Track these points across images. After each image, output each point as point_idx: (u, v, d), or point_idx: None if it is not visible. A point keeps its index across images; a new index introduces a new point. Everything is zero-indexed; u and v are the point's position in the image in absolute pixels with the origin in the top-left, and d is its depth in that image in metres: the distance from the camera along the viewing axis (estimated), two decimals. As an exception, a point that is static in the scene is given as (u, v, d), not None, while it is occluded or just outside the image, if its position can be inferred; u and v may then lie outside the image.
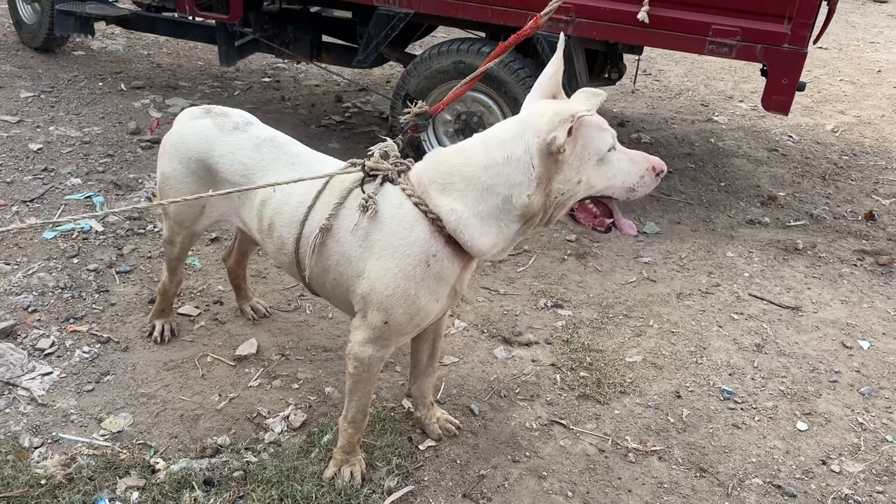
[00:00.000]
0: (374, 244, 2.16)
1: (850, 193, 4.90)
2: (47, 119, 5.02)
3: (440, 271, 2.15)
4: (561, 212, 2.10)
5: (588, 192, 2.05)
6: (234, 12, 4.56)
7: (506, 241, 2.13)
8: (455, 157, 2.14)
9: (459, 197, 2.08)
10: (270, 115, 5.50)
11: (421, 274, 2.13)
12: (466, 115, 4.27)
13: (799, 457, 2.75)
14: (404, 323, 2.20)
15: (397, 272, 2.13)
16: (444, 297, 2.23)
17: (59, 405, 2.74)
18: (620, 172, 2.05)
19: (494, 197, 2.05)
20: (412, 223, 2.12)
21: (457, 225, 2.08)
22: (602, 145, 2.02)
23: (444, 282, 2.19)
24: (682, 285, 3.77)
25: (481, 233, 2.08)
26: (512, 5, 3.86)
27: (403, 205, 2.13)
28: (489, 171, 2.04)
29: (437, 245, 2.12)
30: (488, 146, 2.06)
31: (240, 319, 3.28)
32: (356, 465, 2.48)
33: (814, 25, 3.60)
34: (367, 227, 2.17)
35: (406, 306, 2.16)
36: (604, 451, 2.73)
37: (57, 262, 3.53)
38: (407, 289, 2.14)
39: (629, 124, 5.76)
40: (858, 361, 3.28)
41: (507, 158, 2.02)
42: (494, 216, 2.07)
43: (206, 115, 2.64)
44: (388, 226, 2.14)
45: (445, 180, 2.09)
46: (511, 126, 2.07)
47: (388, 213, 2.15)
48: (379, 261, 2.15)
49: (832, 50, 8.08)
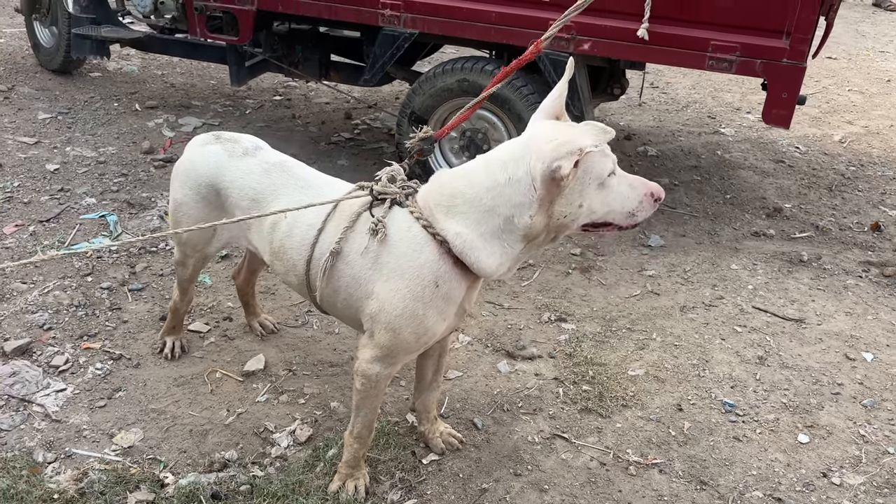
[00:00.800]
0: (384, 266, 2.22)
1: (857, 204, 4.90)
2: (64, 140, 5.14)
3: (448, 292, 2.21)
4: (564, 232, 2.16)
5: (590, 216, 2.10)
6: (243, 34, 4.66)
7: (511, 261, 2.18)
8: (457, 179, 2.20)
9: (463, 219, 2.13)
10: (281, 132, 5.60)
11: (430, 295, 2.19)
12: (471, 131, 4.34)
13: (800, 469, 2.77)
14: (412, 342, 2.26)
15: (406, 293, 2.18)
16: (452, 315, 2.29)
17: (72, 421, 2.81)
18: (620, 197, 2.10)
19: (496, 217, 2.10)
20: (421, 245, 2.17)
21: (462, 248, 2.13)
22: (603, 170, 2.06)
23: (451, 301, 2.25)
24: (686, 298, 3.79)
25: (487, 254, 2.13)
26: (514, 25, 3.92)
27: (412, 228, 2.19)
28: (491, 192, 2.09)
29: (445, 266, 2.18)
30: (490, 168, 2.12)
31: (248, 335, 3.35)
32: (360, 479, 2.53)
33: (812, 40, 3.64)
34: (376, 250, 2.23)
35: (414, 326, 2.22)
36: (605, 464, 2.76)
37: (72, 280, 3.62)
38: (415, 309, 2.19)
39: (635, 137, 5.80)
40: (861, 373, 3.29)
41: (508, 180, 2.07)
42: (497, 236, 2.12)
43: (216, 142, 2.71)
44: (397, 248, 2.20)
45: (449, 203, 2.15)
46: (513, 148, 2.13)
47: (398, 235, 2.21)
48: (388, 282, 2.21)
49: (841, 60, 8.08)
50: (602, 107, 6.26)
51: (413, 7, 4.13)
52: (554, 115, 2.17)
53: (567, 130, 2.07)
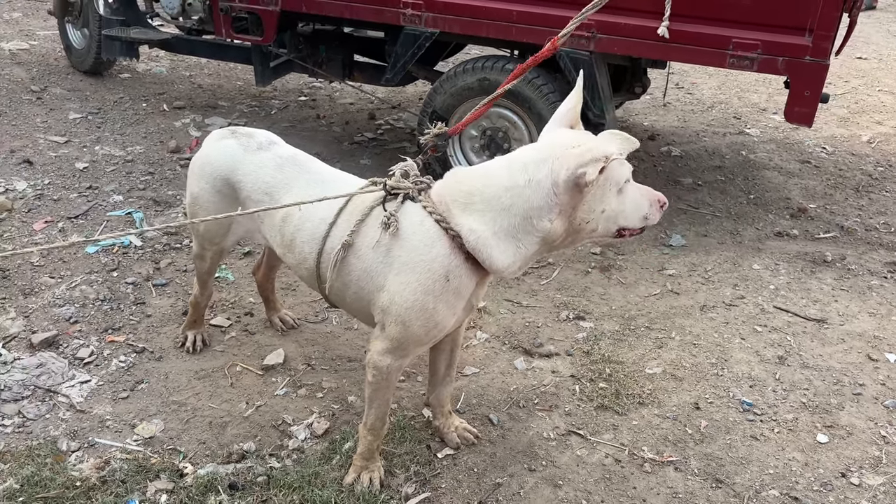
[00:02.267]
0: (395, 259, 2.24)
1: (884, 205, 4.83)
2: (93, 139, 5.25)
3: (458, 286, 2.23)
4: (584, 238, 2.21)
5: (608, 221, 2.16)
6: (267, 34, 4.72)
7: (523, 260, 2.20)
8: (477, 177, 2.24)
9: (479, 216, 2.16)
10: (305, 132, 5.66)
11: (440, 288, 2.21)
12: (492, 130, 4.35)
13: (818, 469, 2.74)
14: (422, 335, 2.28)
15: (417, 286, 2.21)
16: (461, 310, 2.32)
17: (95, 411, 2.88)
18: (634, 203, 2.18)
19: (513, 217, 2.13)
20: (433, 240, 2.20)
21: (476, 244, 2.16)
22: (622, 177, 2.13)
23: (461, 296, 2.27)
24: (706, 298, 3.77)
25: (500, 251, 2.16)
26: (534, 23, 3.93)
27: (425, 222, 2.22)
28: (510, 192, 2.13)
29: (457, 261, 2.20)
30: (511, 168, 2.16)
31: (269, 330, 3.40)
32: (375, 471, 2.56)
33: (835, 37, 3.60)
34: (388, 244, 2.26)
35: (424, 319, 2.24)
36: (620, 461, 2.76)
37: (98, 275, 3.70)
38: (426, 302, 2.22)
39: (659, 137, 5.77)
40: (884, 374, 3.25)
41: (528, 181, 2.10)
42: (513, 235, 2.15)
43: (232, 136, 2.77)
44: (409, 242, 2.23)
45: (466, 200, 2.18)
46: (534, 151, 2.18)
47: (410, 229, 2.23)
48: (399, 275, 2.23)
49: (872, 60, 7.96)
50: (626, 107, 6.23)
51: (434, 6, 4.16)
52: (569, 124, 2.22)
53: (590, 138, 2.13)
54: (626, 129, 5.78)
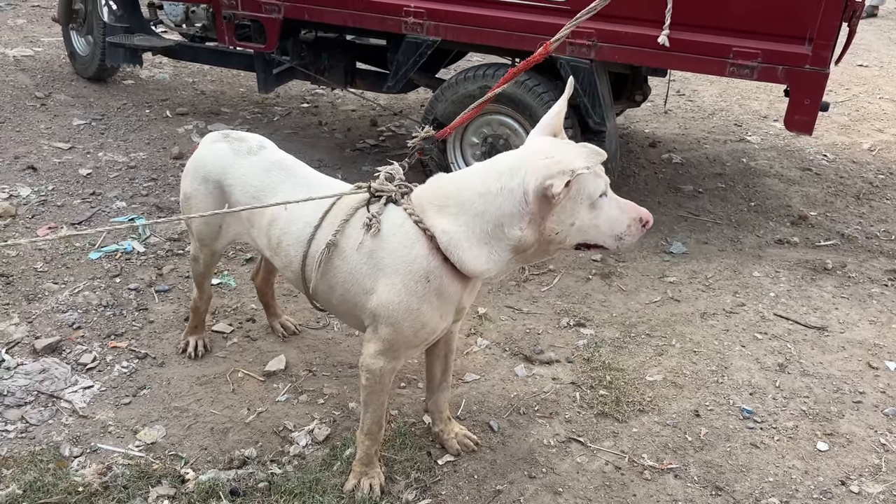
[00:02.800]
0: (379, 261, 2.28)
1: (885, 213, 4.84)
2: (97, 145, 5.28)
3: (440, 287, 2.25)
4: (555, 249, 2.20)
5: (580, 236, 2.15)
6: (270, 42, 4.75)
7: (499, 266, 2.21)
8: (453, 181, 2.28)
9: (453, 219, 2.19)
10: (308, 139, 5.69)
11: (422, 290, 2.24)
12: (493, 137, 4.37)
13: (818, 477, 2.75)
14: (410, 336, 2.31)
15: (401, 287, 2.25)
16: (448, 312, 2.34)
17: (98, 417, 2.89)
18: (609, 219, 2.15)
19: (485, 223, 2.15)
20: (413, 241, 2.23)
21: (448, 244, 2.19)
22: (595, 191, 2.11)
23: (444, 298, 2.29)
24: (707, 305, 3.78)
25: (472, 255, 2.18)
26: (534, 32, 3.95)
27: (404, 223, 2.26)
28: (483, 198, 2.15)
29: (435, 262, 2.23)
30: (485, 175, 2.18)
31: (270, 336, 3.41)
32: (375, 477, 2.57)
33: (835, 46, 3.61)
34: (371, 245, 2.29)
35: (411, 320, 2.27)
36: (620, 468, 2.77)
37: (101, 281, 3.72)
38: (410, 303, 2.25)
39: (660, 144, 5.79)
40: (884, 382, 3.25)
41: (500, 189, 2.12)
42: (485, 242, 2.17)
43: (224, 140, 2.82)
44: (390, 243, 2.27)
45: (442, 203, 2.22)
46: (510, 159, 2.19)
47: (391, 231, 2.27)
48: (384, 277, 2.27)
49: (873, 67, 7.97)
50: (627, 113, 6.25)
51: (435, 15, 4.18)
52: (552, 132, 2.24)
53: (563, 150, 2.12)
54: (627, 136, 5.84)
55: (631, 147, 5.70)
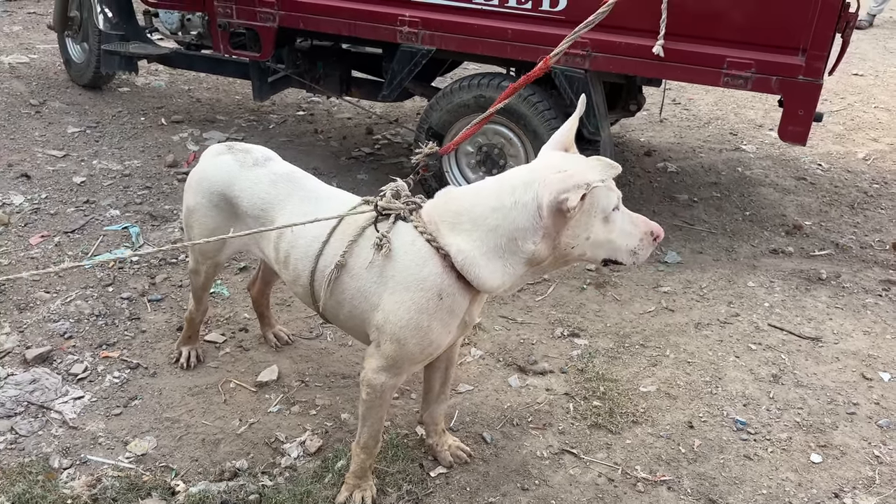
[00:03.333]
0: (389, 279, 2.26)
1: (879, 222, 4.84)
2: (91, 153, 5.27)
3: (451, 304, 2.24)
4: (570, 262, 2.22)
5: (594, 249, 2.15)
6: (265, 50, 4.75)
7: (513, 280, 2.21)
8: (465, 197, 2.26)
9: (467, 236, 2.17)
10: (303, 147, 5.68)
11: (434, 307, 2.22)
12: (488, 147, 4.37)
13: (811, 489, 2.74)
14: (416, 353, 2.29)
15: (411, 305, 2.22)
16: (455, 328, 2.33)
17: (88, 428, 2.88)
18: (622, 233, 2.16)
19: (500, 238, 2.14)
20: (425, 259, 2.21)
21: (464, 263, 2.17)
22: (608, 204, 2.12)
23: (455, 314, 2.28)
24: (701, 315, 3.77)
25: (489, 271, 2.17)
26: (529, 42, 3.95)
27: (416, 241, 2.23)
28: (497, 212, 2.14)
29: (448, 280, 2.21)
30: (499, 189, 2.17)
31: (263, 346, 3.40)
32: (367, 490, 2.56)
33: (828, 57, 3.62)
34: (381, 264, 2.27)
35: (419, 337, 2.25)
36: (613, 480, 2.75)
37: (93, 290, 3.70)
38: (420, 321, 2.23)
39: (656, 153, 5.79)
40: (878, 393, 3.25)
41: (514, 203, 2.12)
42: (500, 256, 2.16)
43: (229, 152, 2.79)
44: (401, 262, 2.24)
45: (455, 219, 2.20)
46: (523, 173, 2.19)
47: (402, 249, 2.25)
48: (393, 294, 2.25)
49: (868, 77, 7.99)
50: (623, 122, 6.26)
51: (430, 24, 4.18)
52: (563, 147, 2.24)
53: (576, 163, 2.13)
54: (623, 145, 5.84)
55: (626, 156, 5.70)
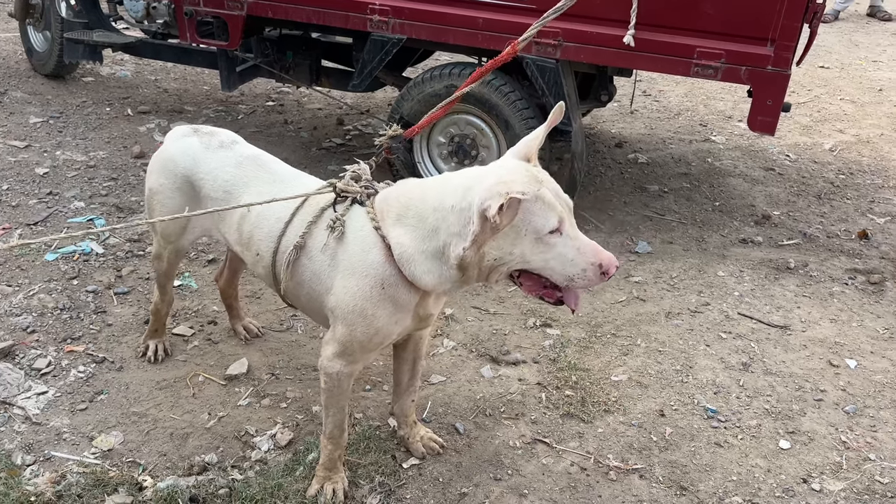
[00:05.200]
0: (340, 263, 2.25)
1: (846, 212, 4.91)
2: (54, 144, 5.15)
3: (395, 296, 2.21)
4: (496, 275, 2.09)
5: (524, 266, 2.05)
6: (233, 39, 4.67)
7: (450, 284, 2.15)
8: (416, 191, 2.21)
9: (410, 231, 2.14)
10: (273, 138, 5.61)
11: (377, 296, 2.20)
12: (460, 137, 4.34)
13: (780, 475, 2.77)
14: (365, 340, 2.27)
15: (356, 291, 2.21)
16: (404, 319, 2.28)
17: (52, 424, 2.81)
18: (560, 258, 2.01)
19: (437, 239, 2.09)
20: (370, 246, 2.20)
21: (401, 257, 2.15)
22: (543, 225, 1.98)
23: (401, 306, 2.24)
24: (672, 304, 3.80)
25: (424, 270, 2.13)
26: (501, 31, 3.93)
27: (364, 227, 2.22)
28: (437, 213, 2.09)
29: (391, 270, 2.18)
30: (444, 190, 2.11)
31: (233, 339, 3.35)
32: (338, 482, 2.53)
33: (796, 47, 3.65)
34: (334, 247, 2.26)
35: (365, 325, 2.24)
36: (585, 469, 2.76)
37: (57, 283, 3.62)
38: (364, 308, 2.21)
39: (626, 144, 5.81)
40: (845, 380, 3.29)
41: (452, 207, 2.05)
42: (437, 258, 2.11)
43: (194, 134, 2.76)
44: (350, 246, 2.23)
45: (402, 212, 2.17)
46: (468, 176, 2.12)
47: (352, 234, 2.24)
48: (342, 279, 2.24)
49: (834, 69, 8.10)
50: (594, 113, 6.27)
51: (401, 13, 4.14)
52: (524, 157, 2.12)
53: (514, 173, 2.00)
54: (594, 136, 5.86)
55: (597, 147, 5.72)
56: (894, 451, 2.91)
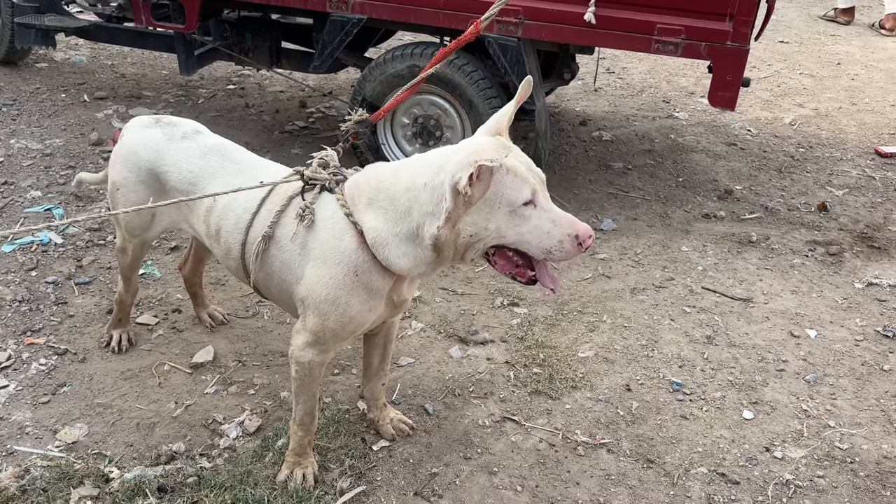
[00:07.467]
0: (310, 251, 2.22)
1: (805, 185, 4.99)
2: (8, 132, 5.02)
3: (368, 282, 2.20)
4: (472, 253, 2.08)
5: (500, 240, 2.03)
6: (190, 22, 4.58)
7: (426, 266, 2.14)
8: (385, 173, 2.20)
9: (382, 214, 2.12)
10: (234, 122, 5.53)
11: (350, 283, 2.19)
12: (423, 118, 4.32)
13: (744, 445, 2.83)
14: (338, 329, 2.26)
15: (329, 280, 2.19)
16: (378, 306, 2.28)
17: (14, 418, 2.76)
18: (536, 231, 1.99)
19: (411, 221, 2.08)
20: (342, 233, 2.18)
21: (374, 242, 2.13)
22: (516, 197, 1.96)
23: (375, 293, 2.23)
24: (637, 280, 3.84)
25: (398, 254, 2.12)
26: (462, 9, 3.90)
27: (335, 214, 2.20)
28: (409, 193, 2.08)
29: (364, 256, 2.17)
30: (416, 169, 2.10)
31: (198, 327, 3.32)
32: (308, 467, 2.53)
33: (754, 22, 3.68)
34: (304, 235, 2.24)
35: (338, 314, 2.22)
36: (554, 445, 2.79)
37: (15, 275, 3.54)
38: (338, 296, 2.19)
39: (590, 122, 5.83)
40: (805, 350, 3.36)
41: (425, 185, 2.04)
42: (412, 240, 2.10)
43: (156, 125, 2.70)
44: (320, 234, 2.21)
45: (373, 195, 2.15)
46: (440, 154, 2.11)
47: (322, 222, 2.21)
48: (314, 268, 2.21)
49: (793, 44, 8.19)
50: (558, 92, 6.27)
51: (361, -8, 4.09)
52: (495, 132, 2.11)
53: (483, 144, 1.99)
54: (558, 115, 5.87)
55: (562, 125, 5.73)
56: (853, 417, 2.99)
